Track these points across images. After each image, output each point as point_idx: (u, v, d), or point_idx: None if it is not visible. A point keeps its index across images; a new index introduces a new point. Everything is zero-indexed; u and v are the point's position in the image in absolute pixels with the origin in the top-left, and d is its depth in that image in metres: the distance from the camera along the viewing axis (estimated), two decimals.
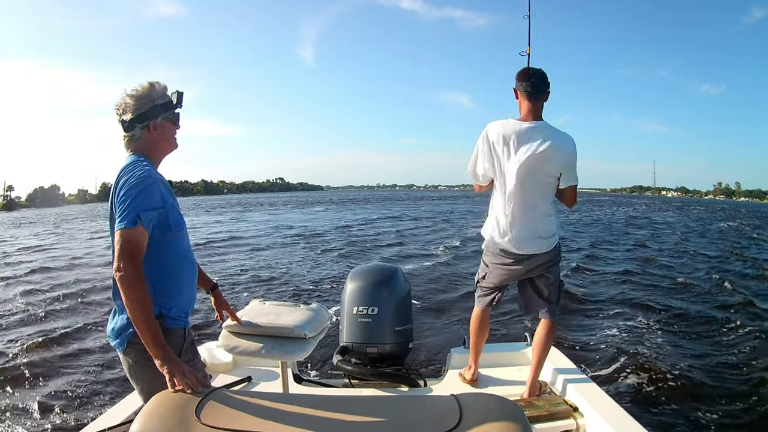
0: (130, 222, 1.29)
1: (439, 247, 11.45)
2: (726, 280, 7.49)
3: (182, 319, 1.45)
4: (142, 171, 1.37)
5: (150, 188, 1.35)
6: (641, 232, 17.03)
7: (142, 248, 1.31)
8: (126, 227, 1.29)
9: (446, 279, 7.66)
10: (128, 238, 1.28)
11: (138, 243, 1.30)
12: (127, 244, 1.28)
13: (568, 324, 5.12)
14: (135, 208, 1.30)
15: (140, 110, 1.44)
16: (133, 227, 1.29)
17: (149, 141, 1.47)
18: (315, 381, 2.60)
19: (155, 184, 1.37)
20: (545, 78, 2.12)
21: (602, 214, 28.02)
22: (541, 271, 2.22)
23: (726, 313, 5.69)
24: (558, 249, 2.23)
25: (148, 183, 1.35)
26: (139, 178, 1.34)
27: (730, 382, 3.69)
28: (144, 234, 1.32)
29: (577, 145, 2.15)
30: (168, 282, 1.42)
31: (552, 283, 2.24)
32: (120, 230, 1.29)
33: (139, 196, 1.32)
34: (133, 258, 1.27)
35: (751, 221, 24.86)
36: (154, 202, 1.35)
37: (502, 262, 2.23)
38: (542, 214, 2.14)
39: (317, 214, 28.18)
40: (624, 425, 1.82)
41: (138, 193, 1.32)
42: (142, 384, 1.40)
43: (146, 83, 1.47)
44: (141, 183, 1.34)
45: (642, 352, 4.24)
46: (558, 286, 2.26)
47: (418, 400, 1.13)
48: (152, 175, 1.38)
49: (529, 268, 2.20)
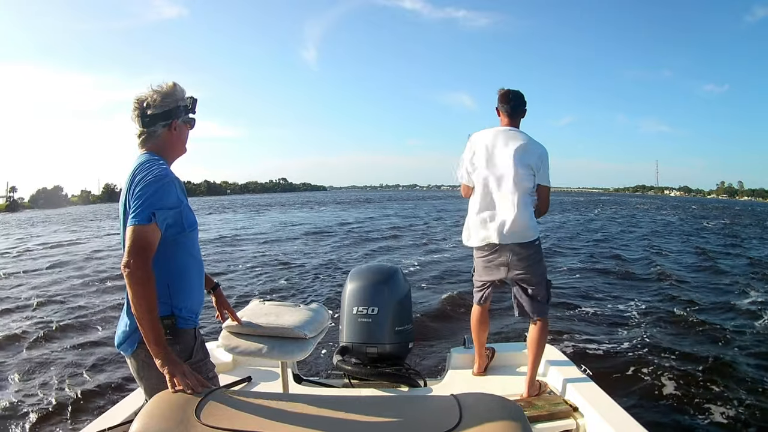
0: (144, 219, 1.28)
1: (440, 247, 11.45)
2: (732, 281, 7.49)
3: (193, 320, 1.44)
4: (159, 170, 1.36)
5: (167, 187, 1.34)
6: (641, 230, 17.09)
7: (153, 246, 1.29)
8: (139, 223, 1.27)
9: (446, 279, 7.66)
10: (141, 235, 1.27)
11: (150, 240, 1.28)
12: (139, 240, 1.26)
13: (568, 324, 5.12)
14: (150, 206, 1.29)
15: (165, 108, 1.42)
16: (146, 224, 1.27)
17: (168, 140, 1.46)
18: (315, 381, 2.60)
19: (172, 183, 1.36)
20: (522, 99, 2.42)
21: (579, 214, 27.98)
22: (525, 269, 2.29)
23: (726, 313, 5.70)
24: (538, 246, 2.33)
25: (166, 182, 1.34)
26: (156, 176, 1.33)
27: (730, 382, 3.69)
28: (157, 232, 1.30)
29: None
30: (180, 282, 1.41)
31: (538, 283, 2.31)
32: (133, 226, 1.27)
33: (155, 194, 1.31)
34: (144, 255, 1.25)
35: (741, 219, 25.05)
36: (170, 201, 1.34)
37: (485, 255, 2.35)
38: (520, 206, 2.25)
39: (323, 212, 28.23)
40: (624, 425, 1.82)
41: (155, 190, 1.31)
42: (152, 384, 1.38)
43: (170, 82, 1.45)
44: (159, 181, 1.33)
45: (642, 351, 4.25)
46: (545, 285, 2.34)
47: (418, 400, 1.13)
48: (170, 175, 1.37)
49: (511, 261, 2.28)
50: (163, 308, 1.33)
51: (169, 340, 1.31)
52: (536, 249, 2.31)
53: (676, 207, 40.56)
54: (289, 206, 40.42)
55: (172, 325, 1.37)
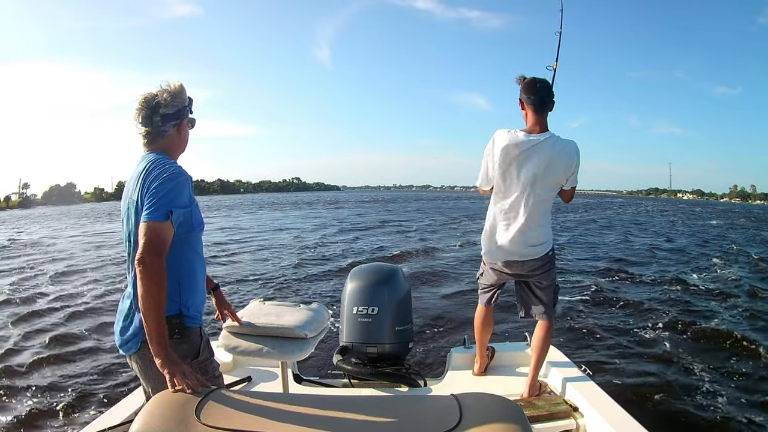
0: (161, 216, 1.27)
1: (440, 247, 11.45)
2: (726, 282, 7.49)
3: (198, 318, 1.45)
4: (174, 168, 1.36)
5: (183, 185, 1.34)
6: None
7: (168, 243, 1.29)
8: (156, 220, 1.26)
9: (447, 279, 7.66)
10: (157, 232, 1.26)
11: (166, 238, 1.28)
12: (155, 237, 1.25)
13: (568, 324, 5.12)
14: (168, 203, 1.29)
15: (176, 107, 1.42)
16: (163, 221, 1.27)
17: (175, 140, 1.46)
18: (315, 381, 2.60)
19: (187, 182, 1.37)
20: (550, 89, 2.15)
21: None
22: (535, 277, 2.26)
23: (726, 313, 5.70)
24: (551, 256, 2.26)
25: (181, 180, 1.34)
26: (172, 174, 1.33)
27: (730, 382, 3.69)
28: (171, 230, 1.30)
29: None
30: (189, 281, 1.41)
31: (547, 288, 2.28)
32: (149, 222, 1.26)
33: (172, 191, 1.30)
34: (159, 252, 1.25)
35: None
36: (184, 199, 1.34)
37: (495, 266, 2.30)
38: (537, 225, 2.17)
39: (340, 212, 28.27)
40: (624, 425, 1.82)
41: (172, 188, 1.31)
42: (157, 383, 1.38)
43: (177, 83, 1.45)
44: (175, 178, 1.32)
45: (642, 352, 4.24)
46: (554, 290, 2.31)
47: (418, 400, 1.13)
48: (184, 174, 1.38)
49: (521, 272, 2.25)
50: (172, 307, 1.33)
51: (177, 339, 1.31)
52: (549, 259, 2.25)
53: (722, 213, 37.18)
54: (323, 204, 39.96)
55: (180, 324, 1.37)
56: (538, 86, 2.12)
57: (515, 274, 2.27)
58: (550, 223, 2.25)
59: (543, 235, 2.20)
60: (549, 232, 2.24)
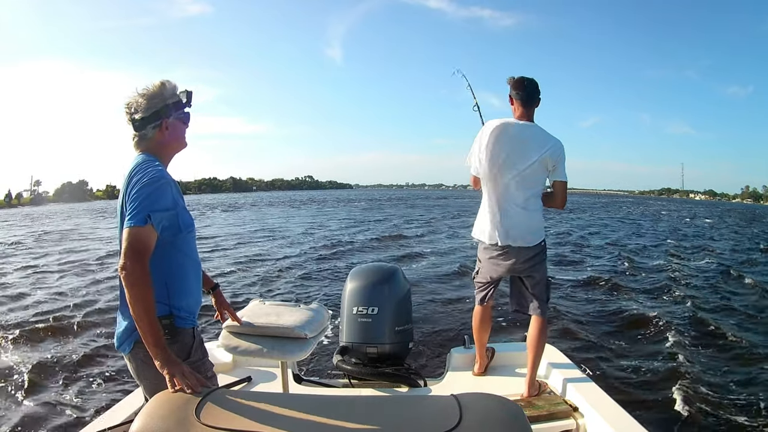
0: (140, 221, 1.28)
1: (441, 247, 11.45)
2: (732, 276, 7.48)
3: (191, 319, 1.45)
4: (155, 171, 1.36)
5: (163, 189, 1.35)
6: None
7: (149, 247, 1.29)
8: (135, 225, 1.28)
9: (447, 279, 7.66)
10: (137, 237, 1.27)
11: (146, 242, 1.28)
12: (135, 242, 1.26)
13: (568, 324, 5.12)
14: (146, 208, 1.29)
15: (152, 109, 1.43)
16: (142, 226, 1.28)
17: (160, 141, 1.46)
18: (315, 381, 2.60)
19: (168, 185, 1.37)
20: (537, 87, 2.34)
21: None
22: (528, 270, 2.31)
23: (730, 315, 5.70)
24: (543, 246, 2.33)
25: (162, 184, 1.35)
26: (152, 178, 1.34)
27: (730, 382, 3.69)
28: (153, 234, 1.30)
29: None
30: (177, 283, 1.42)
31: (539, 282, 2.32)
32: (129, 228, 1.28)
33: (151, 196, 1.31)
34: (140, 257, 1.26)
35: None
36: (166, 202, 1.34)
37: (492, 256, 2.34)
38: (529, 208, 2.25)
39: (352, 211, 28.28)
40: (624, 425, 1.82)
41: (151, 192, 1.32)
42: (151, 384, 1.38)
43: (158, 82, 1.46)
44: (154, 183, 1.33)
45: (642, 352, 4.24)
46: (546, 284, 2.35)
47: (418, 400, 1.13)
48: (165, 177, 1.38)
49: (516, 262, 2.29)
50: (162, 308, 1.34)
51: (168, 339, 1.31)
52: (541, 249, 2.31)
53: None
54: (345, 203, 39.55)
55: (171, 324, 1.37)
56: (526, 84, 2.31)
57: (509, 267, 2.30)
58: (541, 212, 2.30)
59: (537, 222, 2.27)
60: (540, 220, 2.31)
